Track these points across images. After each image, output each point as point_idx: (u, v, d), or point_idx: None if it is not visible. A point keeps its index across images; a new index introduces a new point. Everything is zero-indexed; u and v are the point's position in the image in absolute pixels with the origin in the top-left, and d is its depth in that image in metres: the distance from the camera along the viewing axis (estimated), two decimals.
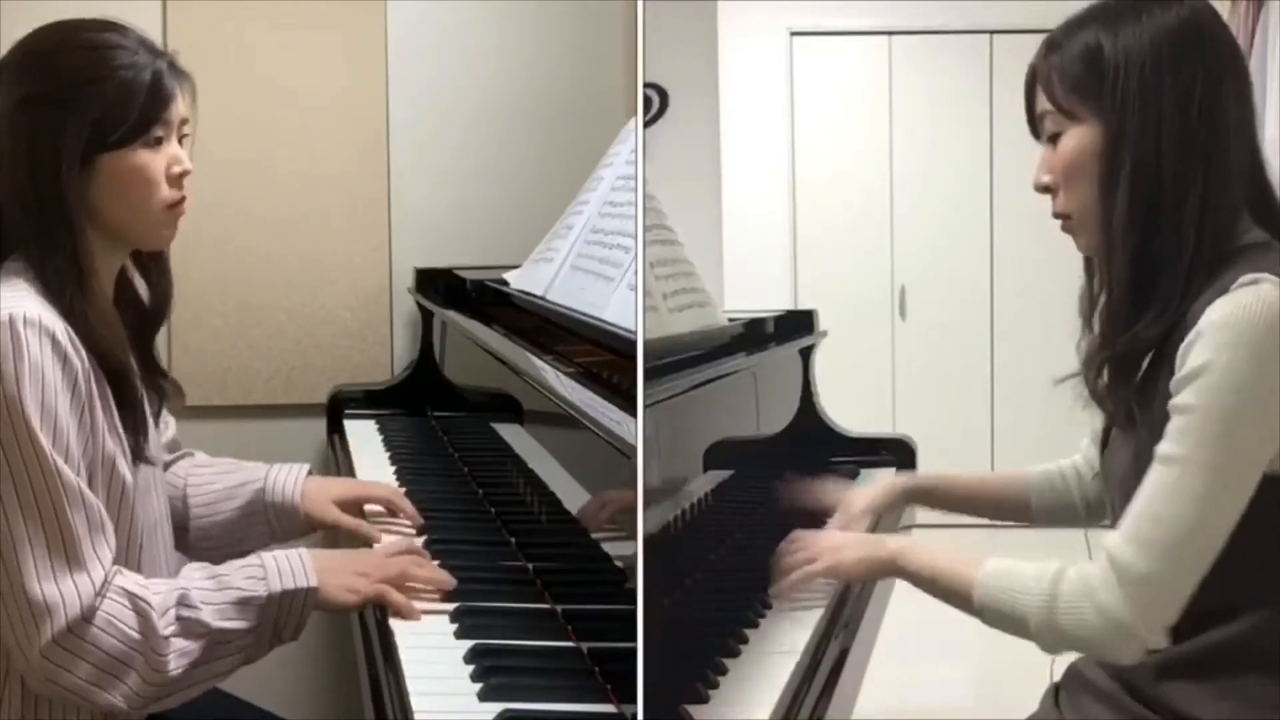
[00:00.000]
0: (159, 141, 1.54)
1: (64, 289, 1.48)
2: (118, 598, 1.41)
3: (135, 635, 1.40)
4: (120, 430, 1.53)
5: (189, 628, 1.42)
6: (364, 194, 2.83)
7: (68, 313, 1.47)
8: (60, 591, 1.38)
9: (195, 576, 1.48)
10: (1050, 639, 1.32)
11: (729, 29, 4.83)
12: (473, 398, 2.48)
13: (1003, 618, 1.35)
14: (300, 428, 2.76)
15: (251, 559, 1.50)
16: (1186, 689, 1.35)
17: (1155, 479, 1.27)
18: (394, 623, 1.47)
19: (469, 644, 1.40)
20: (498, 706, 1.25)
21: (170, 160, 1.55)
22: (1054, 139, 1.41)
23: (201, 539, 1.81)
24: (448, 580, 1.55)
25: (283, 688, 2.32)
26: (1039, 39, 1.45)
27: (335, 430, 2.69)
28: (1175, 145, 1.33)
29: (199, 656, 1.42)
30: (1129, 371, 1.36)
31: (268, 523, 1.82)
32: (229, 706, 1.78)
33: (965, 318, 5.68)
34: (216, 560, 1.54)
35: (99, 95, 1.49)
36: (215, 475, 1.85)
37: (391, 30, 2.84)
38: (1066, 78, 1.38)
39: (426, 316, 2.79)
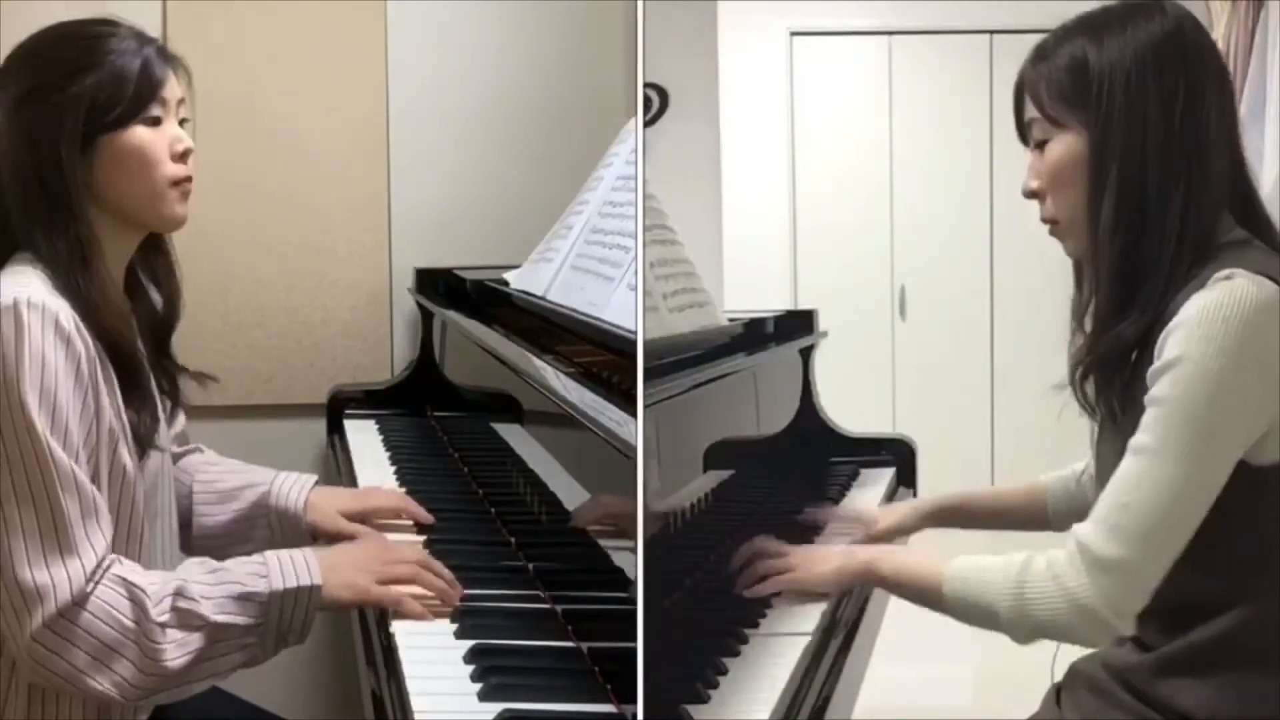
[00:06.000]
0: (157, 121, 1.58)
1: (70, 272, 1.50)
2: (113, 585, 1.40)
3: (129, 623, 1.39)
4: (125, 417, 1.53)
5: (186, 619, 1.41)
6: (364, 193, 2.83)
7: (74, 297, 1.48)
8: (51, 576, 1.38)
9: (195, 571, 1.47)
10: (1021, 627, 1.34)
11: (729, 29, 4.83)
12: (473, 398, 2.48)
13: (973, 610, 1.37)
14: (300, 428, 2.76)
15: (255, 556, 1.50)
16: (1184, 685, 1.36)
17: (1126, 468, 1.30)
18: (394, 623, 1.46)
19: (469, 644, 1.39)
20: (498, 706, 1.24)
21: (172, 139, 1.60)
22: (1041, 145, 1.44)
23: (202, 536, 1.81)
24: (455, 595, 1.53)
25: (283, 688, 2.32)
26: (1039, 39, 1.47)
27: (335, 430, 2.69)
28: (1159, 153, 1.36)
29: (198, 649, 1.41)
30: (1113, 370, 1.40)
31: (269, 528, 1.82)
32: (229, 707, 1.78)
33: (965, 318, 5.69)
34: (216, 559, 1.53)
35: (93, 81, 1.54)
36: (222, 474, 1.85)
37: (391, 30, 2.84)
38: (1054, 87, 1.42)
39: (426, 316, 2.79)
